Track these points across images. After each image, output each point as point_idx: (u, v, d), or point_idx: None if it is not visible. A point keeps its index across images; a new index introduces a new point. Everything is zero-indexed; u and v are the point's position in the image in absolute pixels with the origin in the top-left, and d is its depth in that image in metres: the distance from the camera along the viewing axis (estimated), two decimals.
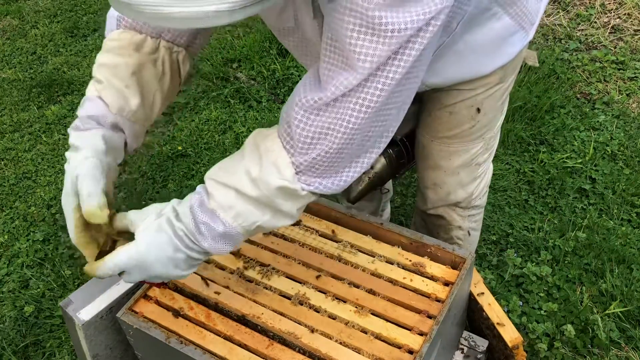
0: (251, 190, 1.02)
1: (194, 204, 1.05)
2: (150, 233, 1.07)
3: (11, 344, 2.14)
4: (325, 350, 1.23)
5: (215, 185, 1.05)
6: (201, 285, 1.40)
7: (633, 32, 3.59)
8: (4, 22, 4.36)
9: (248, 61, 3.58)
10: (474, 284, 1.57)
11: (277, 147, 1.03)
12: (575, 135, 2.89)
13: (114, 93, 1.22)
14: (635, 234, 2.38)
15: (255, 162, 1.04)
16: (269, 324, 1.30)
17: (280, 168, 1.02)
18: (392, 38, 0.90)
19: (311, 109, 0.99)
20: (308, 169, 1.02)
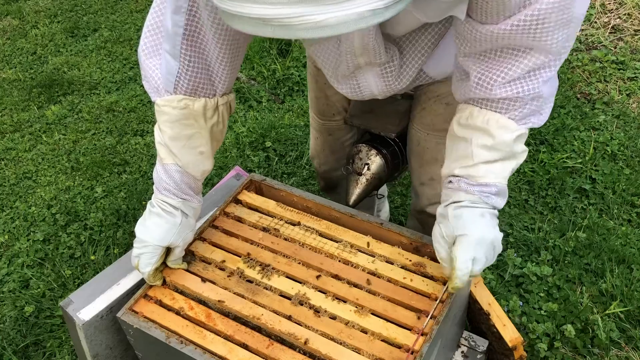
0: (496, 154, 1.20)
1: (462, 187, 1.23)
2: (458, 224, 1.24)
3: (11, 344, 2.15)
4: (325, 351, 1.24)
5: (464, 170, 1.23)
6: (201, 287, 1.40)
7: (633, 32, 3.59)
8: (4, 22, 4.36)
9: (248, 61, 3.58)
10: (474, 284, 1.57)
11: (490, 116, 1.18)
12: (575, 135, 2.89)
13: (194, 165, 1.37)
14: (635, 234, 2.38)
15: (483, 136, 1.20)
16: (269, 326, 1.30)
17: (507, 125, 1.18)
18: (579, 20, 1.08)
19: (507, 82, 1.14)
20: (525, 114, 1.18)
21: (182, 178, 1.36)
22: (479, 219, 1.21)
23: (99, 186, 2.82)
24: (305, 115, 3.16)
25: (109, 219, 2.61)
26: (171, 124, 1.32)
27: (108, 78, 3.65)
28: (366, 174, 1.70)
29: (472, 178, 1.22)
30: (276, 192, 1.65)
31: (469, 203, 1.22)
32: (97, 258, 2.43)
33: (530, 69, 1.12)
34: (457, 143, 1.24)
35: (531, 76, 1.13)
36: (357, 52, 1.26)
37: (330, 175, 1.99)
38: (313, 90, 1.79)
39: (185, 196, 1.38)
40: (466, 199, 1.22)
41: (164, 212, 1.37)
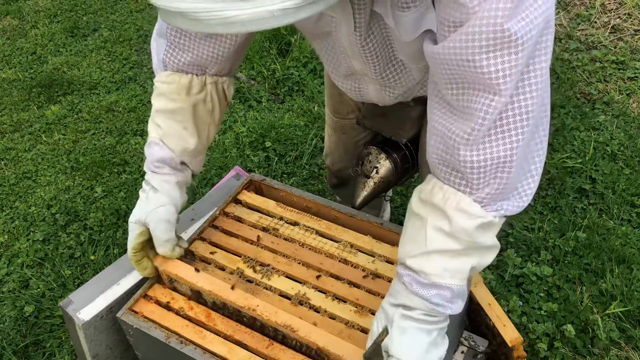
0: (454, 244, 1.02)
1: (412, 288, 1.06)
2: (399, 340, 1.07)
3: (11, 343, 2.14)
4: (322, 344, 1.23)
5: (416, 260, 1.06)
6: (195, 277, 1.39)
7: (633, 32, 3.59)
8: (4, 22, 4.35)
9: (248, 61, 3.58)
10: (474, 284, 1.57)
11: (450, 194, 1.02)
12: (575, 135, 2.89)
13: (175, 138, 1.38)
14: (635, 234, 2.38)
15: (440, 218, 1.03)
16: (264, 317, 1.29)
17: (467, 210, 1.01)
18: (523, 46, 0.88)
19: (471, 144, 0.97)
20: (492, 198, 1.01)
21: (159, 151, 1.37)
22: (423, 343, 1.06)
23: (99, 186, 2.81)
24: (305, 115, 3.16)
25: (108, 219, 2.61)
26: (158, 97, 1.37)
27: (108, 78, 3.65)
28: (374, 177, 1.69)
29: (425, 275, 1.04)
30: (276, 192, 1.65)
31: (420, 315, 1.06)
32: (97, 258, 2.43)
33: (492, 120, 0.93)
34: (413, 221, 1.09)
35: (498, 133, 0.95)
36: (349, 53, 1.26)
37: (343, 174, 2.00)
38: (328, 88, 1.81)
39: (157, 170, 1.38)
40: (417, 308, 1.06)
41: (142, 189, 1.41)
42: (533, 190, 1.04)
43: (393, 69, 1.28)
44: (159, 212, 1.34)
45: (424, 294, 1.05)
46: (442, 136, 1.01)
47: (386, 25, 1.15)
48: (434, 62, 0.98)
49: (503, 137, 0.95)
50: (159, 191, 1.37)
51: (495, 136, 0.96)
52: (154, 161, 1.38)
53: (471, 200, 1.01)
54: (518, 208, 1.04)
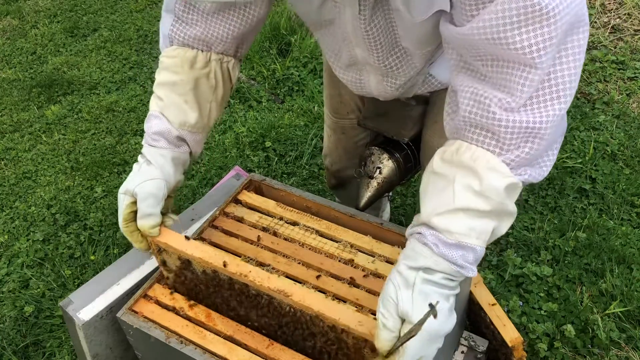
0: (483, 204, 1.00)
1: (438, 249, 1.01)
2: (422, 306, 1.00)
3: (11, 344, 2.14)
4: (317, 308, 1.18)
5: (442, 218, 1.02)
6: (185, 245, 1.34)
7: (633, 32, 3.59)
8: (4, 22, 4.35)
9: (248, 61, 3.58)
10: (474, 284, 1.57)
11: (480, 154, 1.01)
12: (575, 135, 2.89)
13: (175, 110, 1.35)
14: (635, 234, 2.38)
15: (469, 176, 1.01)
16: (257, 282, 1.24)
17: (498, 169, 1.00)
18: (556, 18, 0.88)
19: (508, 109, 0.97)
20: (520, 162, 1.00)
21: (157, 124, 1.35)
22: (444, 309, 1.02)
23: (99, 186, 2.81)
24: (305, 115, 3.16)
25: (108, 219, 2.61)
26: (161, 71, 1.37)
27: (108, 78, 3.65)
28: (377, 178, 1.69)
29: (450, 235, 1.01)
30: (276, 192, 1.65)
31: (441, 279, 1.02)
32: (97, 258, 2.43)
33: (530, 92, 0.96)
34: (436, 181, 1.06)
35: (534, 104, 0.97)
36: (352, 40, 1.26)
37: (342, 175, 2.00)
38: (327, 88, 1.80)
39: (154, 143, 1.36)
40: (440, 271, 1.02)
41: (136, 162, 1.38)
42: (552, 162, 1.04)
43: (395, 56, 1.28)
44: (147, 184, 1.30)
45: (450, 255, 1.01)
46: (474, 99, 1.00)
47: (390, 11, 1.15)
48: (459, 43, 0.99)
49: (539, 107, 0.96)
50: (152, 164, 1.33)
51: (532, 106, 0.96)
52: (151, 134, 1.35)
53: (500, 161, 1.00)
54: (539, 177, 1.04)
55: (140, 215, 1.30)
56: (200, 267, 1.33)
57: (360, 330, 1.13)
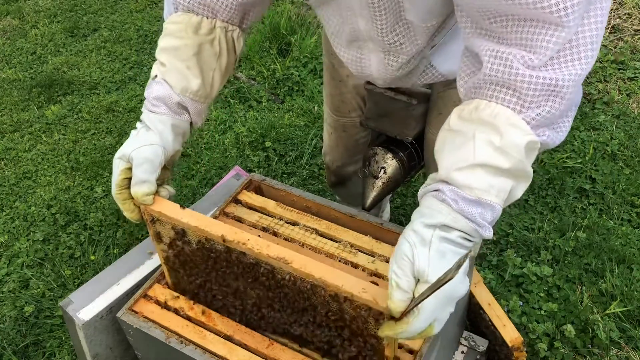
0: (503, 160, 0.97)
1: (458, 205, 0.98)
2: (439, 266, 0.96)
3: (11, 344, 2.14)
4: (319, 275, 1.12)
5: (462, 174, 0.99)
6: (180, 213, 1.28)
7: (633, 32, 3.59)
8: (4, 22, 4.36)
9: (248, 61, 3.58)
10: (474, 284, 1.57)
11: (500, 110, 0.99)
12: (575, 135, 2.89)
13: (177, 75, 1.31)
14: (635, 234, 2.38)
15: (489, 132, 0.98)
16: (255, 250, 1.19)
17: (518, 125, 0.98)
18: None
19: (532, 67, 0.96)
20: (540, 121, 0.99)
21: (158, 89, 1.31)
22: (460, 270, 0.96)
23: (99, 186, 2.81)
24: (305, 115, 3.16)
25: (108, 219, 2.61)
26: (165, 37, 1.35)
27: (108, 78, 3.65)
28: (382, 178, 1.69)
29: (470, 191, 0.98)
30: (276, 192, 1.65)
31: (458, 237, 0.98)
32: (97, 258, 2.43)
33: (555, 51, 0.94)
34: (454, 138, 1.03)
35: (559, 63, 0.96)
36: (356, 11, 1.24)
37: (342, 172, 1.99)
38: (328, 86, 1.80)
39: (153, 108, 1.32)
40: (458, 229, 0.98)
41: (134, 128, 1.34)
42: (568, 129, 1.03)
43: (399, 31, 1.27)
44: (144, 150, 1.25)
45: (469, 211, 0.98)
46: (495, 56, 0.98)
47: None
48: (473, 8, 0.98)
49: (561, 66, 0.95)
50: (151, 130, 1.29)
51: (555, 64, 0.95)
52: (151, 99, 1.32)
53: (520, 118, 0.98)
54: (557, 140, 1.02)
55: (135, 182, 1.25)
56: (196, 237, 1.27)
57: (365, 298, 1.06)
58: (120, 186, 1.27)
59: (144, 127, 1.30)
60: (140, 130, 1.30)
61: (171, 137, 1.31)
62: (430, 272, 0.94)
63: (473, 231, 0.99)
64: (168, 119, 1.31)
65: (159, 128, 1.29)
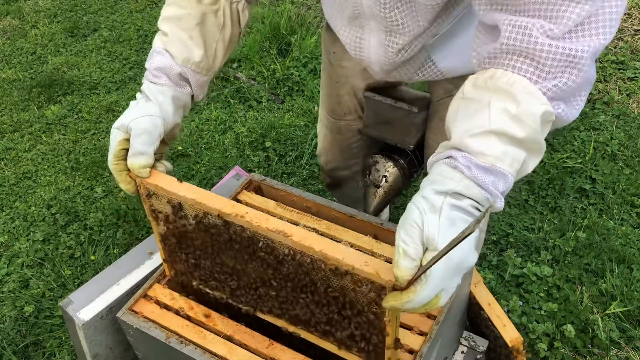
0: (518, 129, 0.95)
1: (471, 172, 0.95)
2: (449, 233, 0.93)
3: (11, 344, 2.14)
4: (319, 248, 1.10)
5: (476, 140, 0.96)
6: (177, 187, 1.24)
7: (633, 32, 3.59)
8: (4, 22, 4.36)
9: (248, 61, 3.58)
10: (474, 284, 1.57)
11: (516, 79, 0.97)
12: (575, 135, 2.89)
13: (179, 45, 1.30)
14: (635, 234, 2.38)
15: (505, 99, 0.96)
16: (254, 224, 1.16)
17: (535, 94, 0.96)
18: None
19: (552, 37, 0.94)
20: (556, 93, 0.97)
21: (159, 59, 1.30)
22: (470, 238, 0.94)
23: (99, 186, 2.81)
24: (305, 115, 3.16)
25: (108, 219, 2.61)
26: (167, 6, 1.33)
27: (108, 78, 3.65)
28: (384, 186, 1.68)
29: (484, 157, 0.95)
30: (276, 192, 1.65)
31: (469, 206, 0.95)
32: (97, 258, 2.43)
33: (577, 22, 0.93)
34: (468, 105, 1.01)
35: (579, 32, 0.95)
36: None
37: (336, 175, 1.99)
38: (325, 88, 1.79)
39: (154, 79, 1.30)
40: (469, 197, 0.95)
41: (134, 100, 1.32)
42: (582, 106, 1.01)
43: (402, 8, 1.24)
44: (143, 120, 1.22)
45: (481, 179, 0.95)
46: (514, 25, 0.97)
47: None
48: None
49: (581, 38, 0.94)
50: (150, 101, 1.26)
51: (574, 36, 0.94)
52: (152, 69, 1.29)
53: (537, 88, 0.96)
54: (570, 116, 1.01)
55: (132, 153, 1.22)
56: (193, 211, 1.24)
57: (367, 271, 1.03)
58: (117, 157, 1.24)
59: (143, 98, 1.28)
60: (140, 100, 1.28)
61: (171, 109, 1.28)
62: (440, 240, 0.91)
63: (485, 200, 0.96)
64: (169, 90, 1.29)
65: (159, 99, 1.27)
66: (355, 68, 1.65)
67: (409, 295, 0.92)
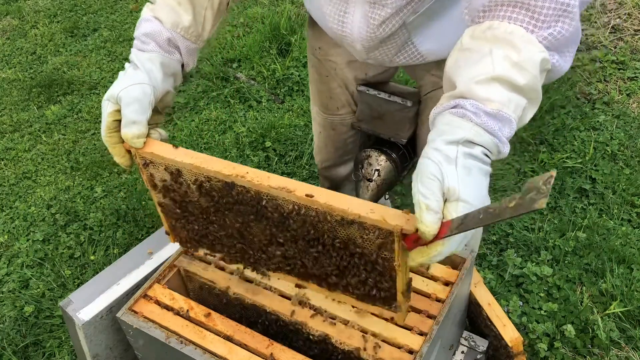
0: (519, 76, 0.97)
1: (480, 119, 0.96)
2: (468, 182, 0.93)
3: (11, 344, 2.14)
4: (324, 200, 1.08)
5: (482, 87, 0.97)
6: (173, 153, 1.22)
7: (633, 32, 3.59)
8: (4, 22, 4.35)
9: (248, 61, 3.58)
10: (474, 284, 1.57)
11: (514, 29, 0.99)
12: (575, 135, 2.89)
13: (167, 10, 1.28)
14: (635, 234, 2.38)
15: (506, 47, 0.98)
16: (255, 182, 1.13)
17: (533, 42, 0.98)
18: None
19: None
20: (551, 42, 1.00)
21: (147, 25, 1.28)
22: (484, 186, 0.96)
23: (99, 186, 2.81)
24: (305, 115, 3.16)
25: (108, 219, 2.61)
26: None
27: (108, 78, 3.65)
28: (376, 180, 1.69)
29: (490, 103, 0.96)
30: None
31: (480, 153, 0.95)
32: (97, 258, 2.43)
33: None
34: (469, 55, 1.02)
35: None
36: None
37: (332, 174, 1.99)
38: (315, 84, 1.79)
39: (142, 46, 1.27)
40: (480, 144, 0.96)
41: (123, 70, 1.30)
42: (572, 59, 1.05)
43: None
44: (133, 89, 1.20)
45: (490, 125, 0.96)
46: None
47: None
48: None
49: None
50: (139, 69, 1.24)
51: None
52: (140, 36, 1.27)
53: (534, 37, 0.99)
54: (564, 66, 1.03)
55: (125, 123, 1.19)
56: (192, 177, 1.21)
57: (373, 218, 1.02)
58: (110, 129, 1.21)
59: (131, 66, 1.26)
60: (128, 70, 1.25)
61: (160, 75, 1.26)
62: (462, 190, 0.91)
63: (494, 146, 0.97)
64: (157, 57, 1.27)
65: (147, 66, 1.25)
66: (343, 60, 1.66)
67: (438, 249, 0.92)
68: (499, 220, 0.83)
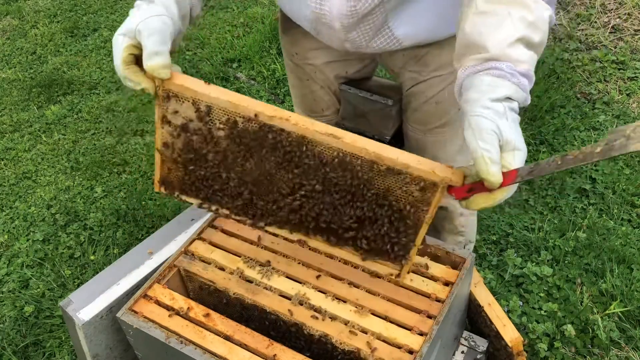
0: (535, 35, 1.08)
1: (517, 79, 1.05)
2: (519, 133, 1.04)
3: (11, 344, 2.14)
4: (372, 149, 1.07)
5: (513, 49, 1.07)
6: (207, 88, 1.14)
7: (633, 32, 3.59)
8: (4, 22, 4.35)
9: (248, 61, 3.58)
10: (474, 284, 1.57)
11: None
12: (575, 135, 2.89)
13: None
14: (635, 234, 2.38)
15: (520, 8, 1.08)
16: (300, 126, 1.09)
17: (539, 1, 1.08)
18: None
19: None
20: None
21: None
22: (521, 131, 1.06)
23: (99, 186, 2.81)
24: None
25: (108, 219, 2.61)
26: None
27: (108, 78, 3.65)
28: None
29: (521, 64, 1.07)
30: None
31: (516, 106, 1.06)
32: (97, 258, 2.43)
33: None
34: (487, 19, 1.09)
35: None
36: None
37: None
38: (297, 88, 1.79)
39: None
40: (516, 100, 1.05)
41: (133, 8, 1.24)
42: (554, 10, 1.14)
43: None
44: (152, 20, 1.14)
45: (524, 84, 1.06)
46: None
47: None
48: None
49: None
50: (153, 2, 1.18)
51: None
52: None
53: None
54: (554, 18, 1.13)
55: (147, 54, 1.12)
56: (224, 116, 1.12)
57: (423, 169, 1.04)
58: (126, 62, 1.16)
59: (144, 2, 1.20)
60: (142, 5, 1.20)
61: (176, 11, 1.21)
62: (517, 140, 1.01)
63: (525, 100, 1.07)
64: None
65: (165, 2, 1.20)
66: (321, 61, 1.66)
67: (503, 194, 1.02)
68: (579, 164, 0.94)
